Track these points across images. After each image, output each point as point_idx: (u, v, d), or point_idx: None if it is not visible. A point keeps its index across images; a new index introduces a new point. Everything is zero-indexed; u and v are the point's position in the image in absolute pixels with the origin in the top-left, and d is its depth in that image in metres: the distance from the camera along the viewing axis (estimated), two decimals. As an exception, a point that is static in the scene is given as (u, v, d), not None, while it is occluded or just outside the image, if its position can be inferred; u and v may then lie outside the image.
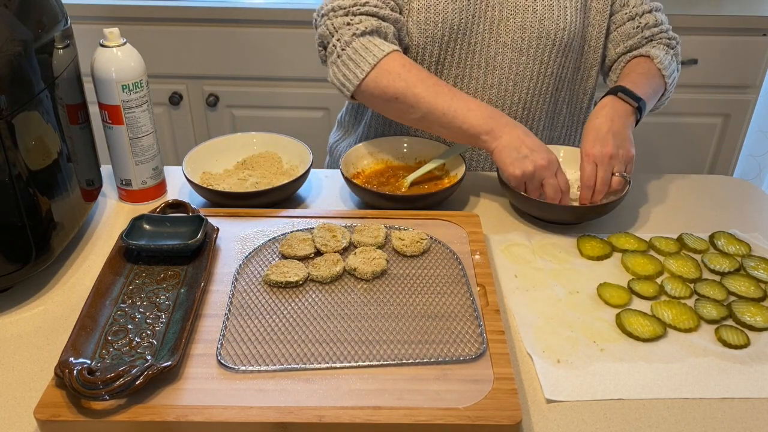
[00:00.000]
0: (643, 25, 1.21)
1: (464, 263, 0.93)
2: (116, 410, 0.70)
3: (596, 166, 1.05)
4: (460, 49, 1.18)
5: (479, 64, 1.20)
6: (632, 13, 1.22)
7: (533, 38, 1.17)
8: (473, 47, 1.18)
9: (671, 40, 1.23)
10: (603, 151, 1.05)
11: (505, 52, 1.19)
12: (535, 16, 1.16)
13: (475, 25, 1.17)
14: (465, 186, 1.19)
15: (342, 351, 0.78)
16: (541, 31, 1.17)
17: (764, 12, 2.04)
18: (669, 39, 1.23)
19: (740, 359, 0.83)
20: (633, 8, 1.22)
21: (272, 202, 1.09)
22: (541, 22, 1.16)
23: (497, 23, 1.17)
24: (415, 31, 1.16)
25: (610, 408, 0.76)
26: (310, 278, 0.90)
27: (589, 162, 1.06)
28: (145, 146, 1.09)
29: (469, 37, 1.17)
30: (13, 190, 0.84)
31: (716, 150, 2.24)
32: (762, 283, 0.96)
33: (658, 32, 1.22)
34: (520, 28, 1.17)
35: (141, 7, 1.98)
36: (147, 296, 0.86)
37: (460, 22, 1.15)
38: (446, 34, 1.16)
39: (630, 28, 1.22)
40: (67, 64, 0.95)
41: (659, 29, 1.22)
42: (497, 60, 1.20)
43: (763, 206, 1.17)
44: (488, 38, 1.18)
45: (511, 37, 1.18)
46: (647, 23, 1.22)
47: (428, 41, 1.16)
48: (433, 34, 1.16)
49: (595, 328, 0.87)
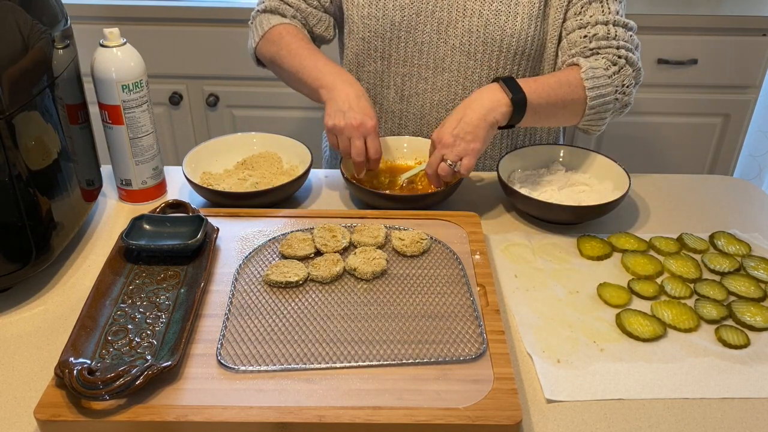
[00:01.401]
0: (591, 36, 1.13)
1: (464, 263, 0.93)
2: (116, 410, 0.70)
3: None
4: (405, 47, 1.20)
5: (427, 64, 1.21)
6: (583, 22, 1.14)
7: (479, 43, 1.17)
8: (420, 46, 1.20)
9: (620, 58, 1.11)
10: (439, 137, 1.05)
11: (454, 54, 1.19)
12: (481, 20, 1.16)
13: (421, 25, 1.18)
14: (465, 186, 1.19)
15: (342, 351, 0.78)
16: (487, 36, 1.16)
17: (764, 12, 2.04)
18: (618, 56, 1.11)
19: (740, 359, 0.83)
20: (587, 17, 1.14)
21: (272, 202, 1.09)
22: (486, 27, 1.16)
23: (445, 25, 1.18)
24: (360, 25, 1.21)
25: (610, 408, 0.76)
26: (310, 278, 0.90)
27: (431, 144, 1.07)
28: (145, 146, 1.09)
29: (415, 36, 1.19)
30: (13, 190, 0.84)
31: (716, 150, 2.24)
32: (762, 283, 0.96)
33: (606, 46, 1.12)
34: (467, 31, 1.17)
35: (141, 7, 1.98)
36: (147, 296, 0.86)
37: (402, 18, 1.18)
38: (388, 30, 1.19)
39: (578, 37, 1.15)
40: (67, 64, 0.95)
41: (608, 43, 1.12)
42: (446, 62, 1.21)
43: (763, 206, 1.17)
44: (436, 39, 1.19)
45: (459, 40, 1.18)
46: (596, 34, 1.13)
47: (372, 35, 1.21)
48: (376, 29, 1.20)
49: (595, 328, 0.87)
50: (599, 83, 1.08)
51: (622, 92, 1.11)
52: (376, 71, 1.25)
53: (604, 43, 1.12)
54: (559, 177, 1.14)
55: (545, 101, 1.06)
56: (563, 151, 1.19)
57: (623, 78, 1.11)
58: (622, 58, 1.11)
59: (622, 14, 1.16)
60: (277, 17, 1.25)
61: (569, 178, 1.13)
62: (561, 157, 1.18)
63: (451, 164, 1.03)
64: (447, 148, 1.03)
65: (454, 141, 1.03)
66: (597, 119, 1.12)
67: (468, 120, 1.02)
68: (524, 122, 1.07)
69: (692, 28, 2.02)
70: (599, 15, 1.14)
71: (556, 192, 1.11)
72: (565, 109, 1.09)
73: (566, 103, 1.09)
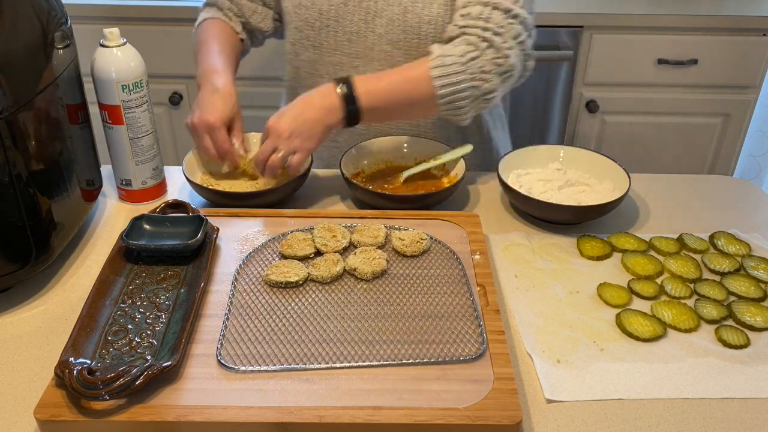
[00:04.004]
0: (466, 14, 1.09)
1: (464, 263, 0.93)
2: (116, 410, 0.70)
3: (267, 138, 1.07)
4: (335, 36, 1.21)
5: (357, 53, 1.22)
6: (465, 1, 1.10)
7: (401, 31, 1.17)
8: (349, 36, 1.21)
9: (483, 41, 1.05)
10: (276, 127, 1.05)
11: (381, 44, 1.20)
12: (400, 8, 1.16)
13: (349, 14, 1.19)
14: (465, 186, 1.19)
15: (342, 351, 0.78)
16: (406, 24, 1.16)
17: (764, 12, 2.04)
18: (482, 38, 1.06)
19: (740, 359, 0.83)
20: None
21: (272, 202, 1.09)
22: (405, 15, 1.16)
23: (372, 14, 1.18)
24: (293, 15, 1.23)
25: (610, 408, 0.76)
26: (310, 278, 0.90)
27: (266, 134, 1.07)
28: (145, 146, 1.09)
29: (344, 25, 1.20)
30: (13, 190, 0.84)
31: (716, 150, 2.24)
32: (762, 283, 0.96)
33: (473, 25, 1.06)
34: (391, 20, 1.17)
35: (141, 7, 1.98)
36: (147, 296, 0.86)
37: (330, 8, 1.19)
38: (317, 19, 1.21)
39: (457, 15, 1.10)
40: (67, 64, 0.95)
41: (475, 23, 1.06)
42: (374, 51, 1.21)
43: (763, 206, 1.17)
44: (364, 29, 1.19)
45: (385, 29, 1.18)
46: (470, 13, 1.08)
47: (303, 24, 1.22)
48: (306, 18, 1.21)
49: (595, 328, 0.87)
50: (449, 71, 1.05)
51: (480, 79, 1.06)
52: (310, 60, 1.27)
53: (471, 22, 1.07)
54: (559, 177, 1.14)
55: (384, 98, 1.07)
56: (563, 151, 1.19)
57: (482, 63, 1.06)
58: (486, 42, 1.05)
59: (518, 2, 1.09)
60: (213, 10, 1.29)
61: (569, 178, 1.13)
62: (561, 157, 1.18)
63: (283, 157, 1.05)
64: (282, 141, 1.05)
65: (290, 136, 1.04)
66: (454, 109, 1.09)
67: (307, 117, 1.05)
68: (367, 120, 1.09)
69: (692, 28, 2.02)
70: None
71: (556, 192, 1.11)
72: (413, 102, 1.09)
73: (412, 97, 1.08)
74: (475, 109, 1.11)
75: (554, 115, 2.19)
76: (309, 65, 1.27)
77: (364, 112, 1.06)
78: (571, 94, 2.15)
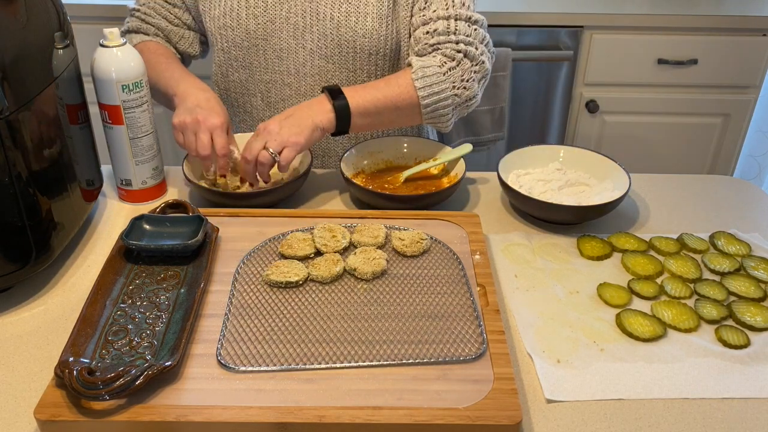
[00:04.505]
0: (432, 31, 1.12)
1: (464, 263, 0.93)
2: (116, 410, 0.70)
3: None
4: (265, 54, 1.22)
5: (288, 70, 1.23)
6: (426, 18, 1.13)
7: (334, 46, 1.18)
8: (279, 53, 1.22)
9: (458, 52, 1.10)
10: (266, 125, 1.06)
11: (313, 59, 1.21)
12: (333, 23, 1.17)
13: (278, 31, 1.20)
14: (465, 186, 1.19)
15: (342, 351, 0.78)
16: (340, 38, 1.17)
17: (764, 12, 2.04)
18: (456, 51, 1.10)
19: (740, 359, 0.83)
20: (430, 13, 1.13)
21: (272, 202, 1.09)
22: (338, 29, 1.17)
23: (301, 30, 1.19)
24: (218, 36, 1.24)
25: (610, 408, 0.76)
26: (310, 278, 0.90)
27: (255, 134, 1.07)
28: (145, 146, 1.09)
29: (272, 43, 1.21)
30: (13, 190, 0.84)
31: (716, 150, 2.24)
32: (762, 283, 0.96)
33: (445, 41, 1.11)
34: (322, 35, 1.18)
35: (141, 7, 1.98)
36: (147, 296, 0.86)
37: (257, 27, 1.19)
38: (245, 38, 1.21)
39: (421, 33, 1.14)
40: (67, 64, 0.95)
41: (447, 38, 1.11)
42: (307, 67, 1.22)
43: (763, 206, 1.17)
44: (294, 45, 1.20)
45: (316, 44, 1.19)
46: (437, 29, 1.12)
47: (230, 45, 1.23)
48: (233, 39, 1.22)
49: (595, 328, 0.87)
50: (431, 81, 1.09)
51: (461, 87, 1.10)
52: (240, 80, 1.28)
53: (443, 38, 1.11)
54: (559, 177, 1.14)
55: (372, 105, 1.09)
56: (563, 151, 1.19)
57: (461, 72, 1.10)
58: (461, 53, 1.10)
59: (470, 7, 1.14)
60: (140, 36, 1.28)
61: (569, 178, 1.13)
62: (561, 157, 1.18)
63: (273, 153, 1.04)
64: (271, 135, 1.05)
65: (280, 129, 1.05)
66: (438, 116, 1.12)
67: (297, 116, 1.06)
68: (356, 127, 1.10)
69: (692, 28, 2.02)
70: (442, 10, 1.13)
71: (556, 192, 1.11)
72: (399, 110, 1.11)
73: (398, 105, 1.10)
74: (458, 115, 1.14)
75: (554, 115, 2.20)
76: (239, 85, 1.28)
77: (353, 114, 1.07)
78: (571, 94, 2.16)
